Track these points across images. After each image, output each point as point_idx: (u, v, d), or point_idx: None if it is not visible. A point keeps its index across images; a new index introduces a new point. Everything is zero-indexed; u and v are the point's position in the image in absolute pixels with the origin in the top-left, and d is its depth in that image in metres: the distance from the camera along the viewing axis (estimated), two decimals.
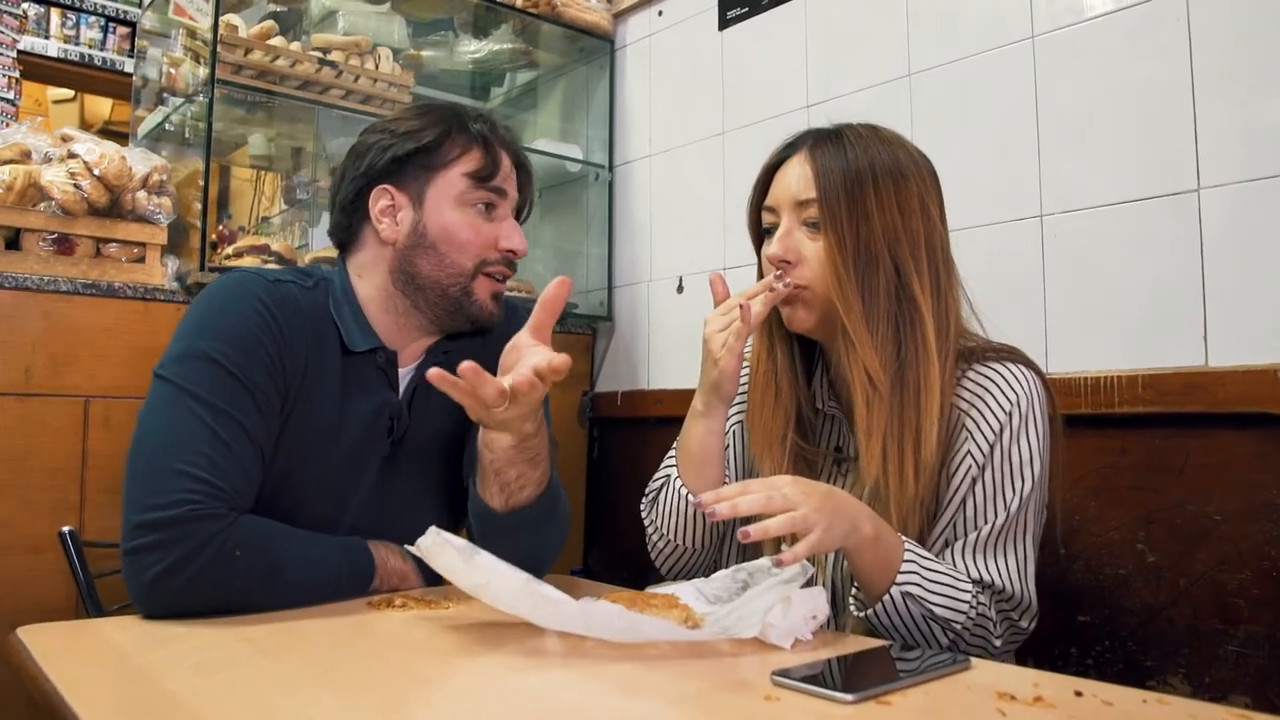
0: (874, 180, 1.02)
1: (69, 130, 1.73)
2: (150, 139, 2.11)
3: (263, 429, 1.03)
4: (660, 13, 2.20)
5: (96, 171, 1.60)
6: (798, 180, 1.05)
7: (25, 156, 1.63)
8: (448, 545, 0.86)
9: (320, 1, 2.08)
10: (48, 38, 3.67)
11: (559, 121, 2.44)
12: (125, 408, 1.56)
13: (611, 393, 2.20)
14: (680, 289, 2.09)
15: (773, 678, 0.71)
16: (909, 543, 0.95)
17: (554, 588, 0.85)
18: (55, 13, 3.69)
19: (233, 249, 1.81)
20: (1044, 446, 1.00)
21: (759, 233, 1.12)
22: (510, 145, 1.18)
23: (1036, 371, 1.04)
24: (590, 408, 2.22)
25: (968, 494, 0.99)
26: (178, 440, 0.97)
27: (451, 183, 1.13)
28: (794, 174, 1.06)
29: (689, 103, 2.10)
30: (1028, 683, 0.72)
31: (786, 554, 0.85)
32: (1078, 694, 0.69)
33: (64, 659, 0.80)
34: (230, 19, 1.85)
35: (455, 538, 0.87)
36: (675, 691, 0.71)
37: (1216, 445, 1.23)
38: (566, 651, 0.81)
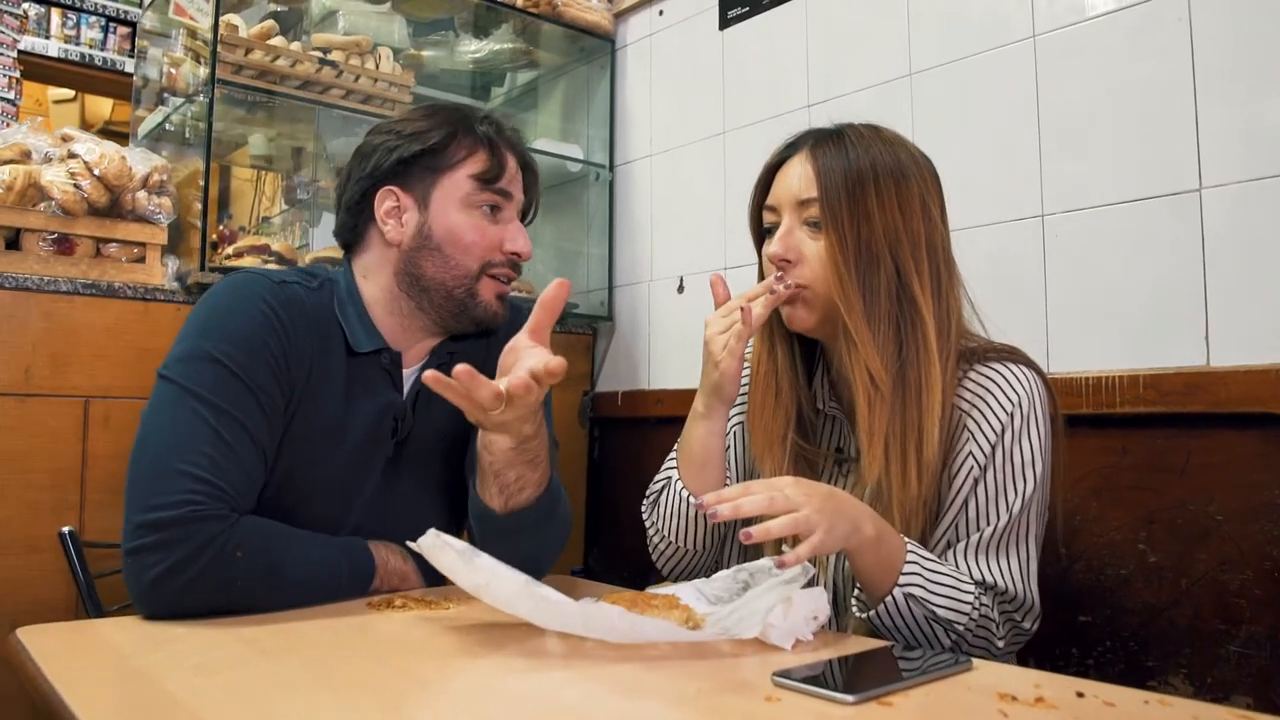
0: (875, 180, 1.02)
1: (69, 130, 1.73)
2: (151, 139, 2.11)
3: (266, 430, 1.03)
4: (661, 12, 2.20)
5: (97, 171, 1.60)
6: (799, 179, 1.05)
7: (25, 156, 1.63)
8: (448, 547, 0.86)
9: (320, 1, 2.07)
10: (48, 38, 3.67)
11: (559, 121, 2.44)
12: (125, 408, 1.56)
13: (612, 393, 2.20)
14: (681, 289, 2.08)
15: (774, 678, 0.70)
16: (911, 544, 0.95)
17: (554, 590, 0.85)
18: (56, 13, 3.69)
19: (233, 249, 1.81)
20: (1046, 447, 1.00)
21: (760, 232, 1.12)
22: (516, 147, 1.18)
23: (1038, 372, 1.03)
24: (591, 408, 2.22)
25: (970, 495, 0.99)
26: (180, 441, 0.97)
27: (457, 185, 1.12)
28: (795, 173, 1.06)
29: (690, 102, 2.09)
30: (1029, 683, 0.72)
31: (788, 555, 0.85)
32: (1079, 695, 0.69)
33: (64, 660, 0.79)
34: (230, 19, 1.85)
35: (455, 540, 0.87)
36: (676, 692, 0.71)
37: (1218, 445, 1.22)
38: (567, 652, 0.81)
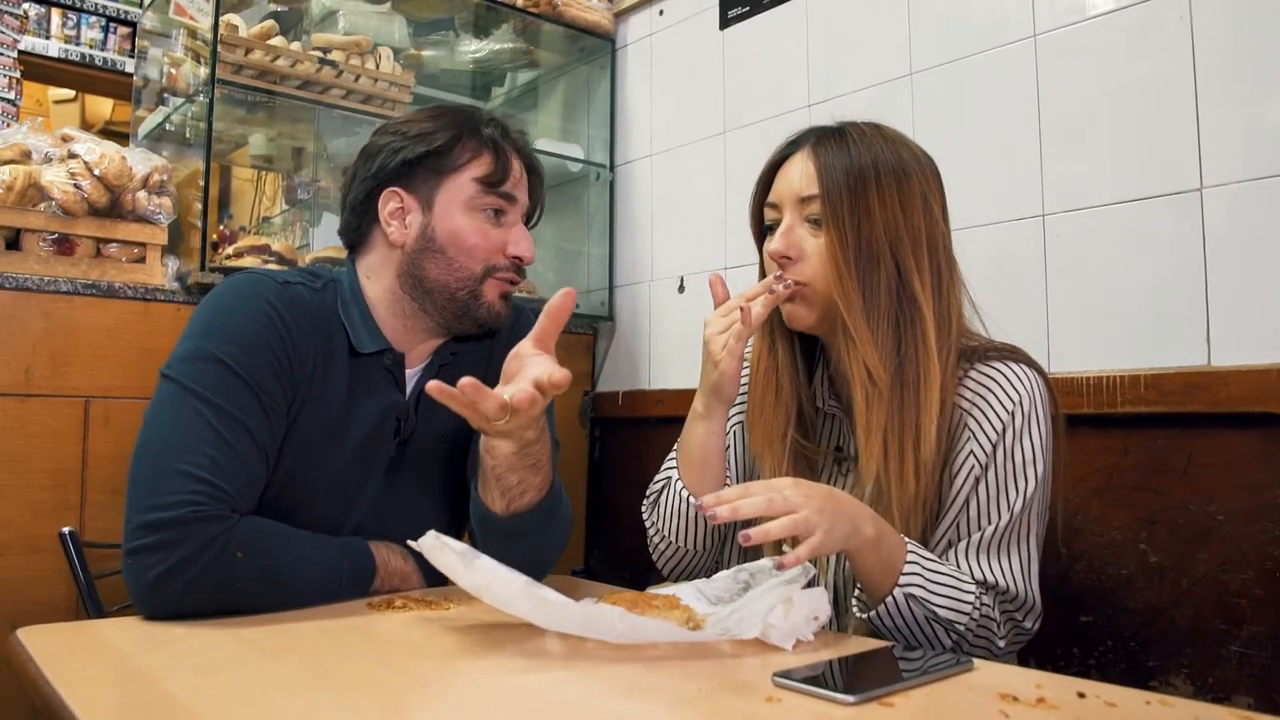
0: (876, 178, 1.02)
1: (69, 130, 1.73)
2: (151, 139, 2.11)
3: (267, 431, 1.02)
4: (661, 12, 2.19)
5: (97, 171, 1.60)
6: (800, 177, 1.05)
7: (25, 156, 1.62)
8: (447, 549, 0.86)
9: (320, 1, 2.07)
10: (48, 38, 3.66)
11: (560, 121, 2.44)
12: (125, 408, 1.56)
13: (613, 393, 2.20)
14: (681, 289, 2.08)
15: (774, 679, 0.70)
16: (911, 544, 0.94)
17: (554, 590, 0.85)
18: (56, 13, 3.69)
19: (233, 249, 1.81)
20: (1047, 446, 1.00)
21: (761, 229, 1.12)
22: (522, 150, 1.18)
23: (1039, 371, 1.03)
24: (591, 408, 2.22)
25: (970, 494, 0.99)
26: (182, 441, 0.97)
27: (461, 187, 1.12)
28: (797, 170, 1.06)
29: (690, 102, 2.09)
30: (1030, 684, 0.71)
31: (788, 556, 0.85)
32: (1081, 695, 0.69)
33: (64, 660, 0.79)
34: (230, 19, 1.85)
35: (454, 541, 0.87)
36: (676, 692, 0.71)
37: (1219, 445, 1.22)
38: (567, 653, 0.81)
